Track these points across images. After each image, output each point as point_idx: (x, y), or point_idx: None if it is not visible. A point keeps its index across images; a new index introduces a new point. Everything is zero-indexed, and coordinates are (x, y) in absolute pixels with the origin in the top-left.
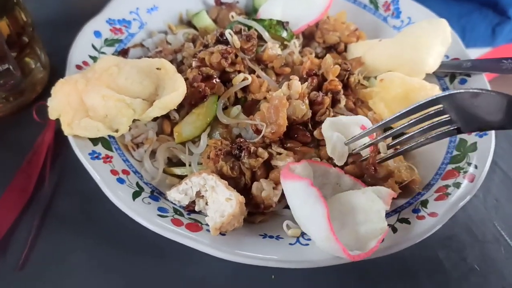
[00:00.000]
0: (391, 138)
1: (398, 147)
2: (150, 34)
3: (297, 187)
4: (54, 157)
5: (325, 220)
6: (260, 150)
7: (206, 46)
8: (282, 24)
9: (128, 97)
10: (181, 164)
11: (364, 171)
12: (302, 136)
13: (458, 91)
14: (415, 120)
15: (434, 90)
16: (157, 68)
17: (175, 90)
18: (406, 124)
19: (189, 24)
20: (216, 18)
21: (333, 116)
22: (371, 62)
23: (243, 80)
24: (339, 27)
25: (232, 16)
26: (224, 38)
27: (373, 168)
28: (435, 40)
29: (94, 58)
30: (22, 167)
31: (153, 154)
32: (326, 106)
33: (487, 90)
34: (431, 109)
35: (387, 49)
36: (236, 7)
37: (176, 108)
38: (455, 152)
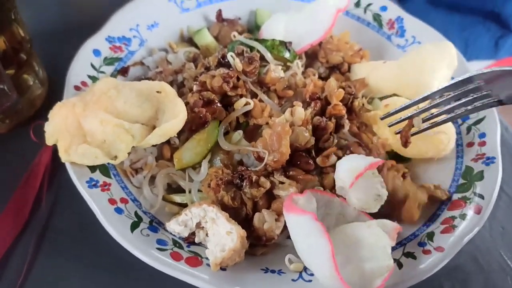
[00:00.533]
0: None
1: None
2: (150, 52)
3: (300, 221)
4: (51, 177)
5: (329, 258)
6: (262, 179)
7: (207, 69)
8: (285, 45)
9: (127, 122)
10: (181, 190)
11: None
12: (305, 163)
13: (500, 68)
14: (453, 95)
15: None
16: (157, 91)
17: (175, 116)
18: (444, 99)
19: (190, 41)
20: (218, 35)
21: (337, 142)
22: (375, 83)
23: (245, 104)
24: (342, 47)
25: (234, 36)
26: (226, 60)
27: (404, 141)
28: (441, 64)
29: (93, 78)
30: (18, 189)
31: (152, 179)
32: (329, 132)
33: None
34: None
35: (391, 71)
36: (238, 24)
37: None
38: (461, 181)
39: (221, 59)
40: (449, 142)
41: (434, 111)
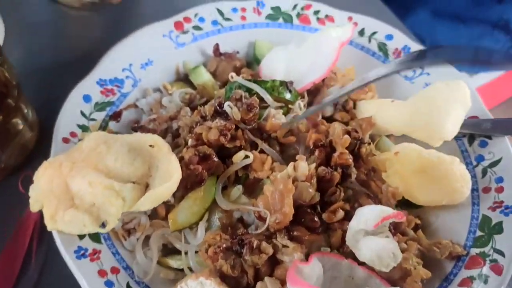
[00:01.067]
0: None
1: None
2: (144, 92)
3: None
4: (41, 232)
5: None
6: (264, 244)
7: (203, 117)
8: (286, 85)
9: (117, 183)
10: (177, 250)
11: None
12: (309, 220)
13: None
14: None
15: (454, 164)
16: (150, 145)
17: (169, 174)
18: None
19: (186, 78)
20: (215, 71)
21: (344, 193)
22: (383, 123)
23: (244, 158)
24: (347, 83)
25: (232, 77)
26: (223, 108)
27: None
28: (454, 105)
29: (83, 127)
30: (7, 245)
31: (146, 239)
32: (335, 183)
33: None
34: None
35: (401, 111)
36: (236, 58)
37: None
38: (478, 233)
39: (217, 108)
40: (465, 189)
41: None
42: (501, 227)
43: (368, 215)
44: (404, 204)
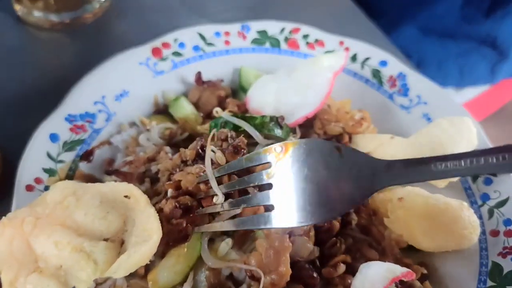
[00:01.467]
0: None
1: None
2: (119, 127)
3: None
4: None
5: None
6: None
7: (184, 162)
8: (277, 121)
9: (88, 242)
10: None
11: None
12: (308, 277)
13: None
14: None
15: (462, 209)
16: (125, 196)
17: (148, 234)
18: None
19: (166, 109)
20: (198, 101)
21: (345, 242)
22: None
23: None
24: (342, 117)
25: (217, 112)
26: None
27: None
28: (459, 144)
29: (50, 171)
30: None
31: None
32: (335, 232)
33: None
34: None
35: (402, 150)
36: (220, 87)
37: None
38: (489, 282)
39: (200, 151)
40: (473, 235)
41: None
42: None
43: (375, 276)
44: (407, 248)
